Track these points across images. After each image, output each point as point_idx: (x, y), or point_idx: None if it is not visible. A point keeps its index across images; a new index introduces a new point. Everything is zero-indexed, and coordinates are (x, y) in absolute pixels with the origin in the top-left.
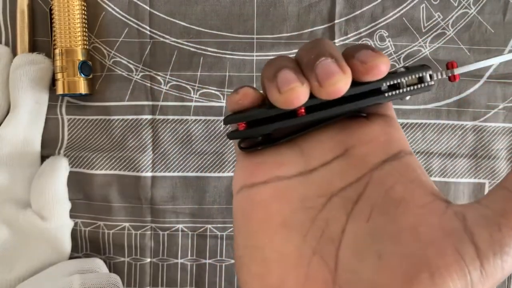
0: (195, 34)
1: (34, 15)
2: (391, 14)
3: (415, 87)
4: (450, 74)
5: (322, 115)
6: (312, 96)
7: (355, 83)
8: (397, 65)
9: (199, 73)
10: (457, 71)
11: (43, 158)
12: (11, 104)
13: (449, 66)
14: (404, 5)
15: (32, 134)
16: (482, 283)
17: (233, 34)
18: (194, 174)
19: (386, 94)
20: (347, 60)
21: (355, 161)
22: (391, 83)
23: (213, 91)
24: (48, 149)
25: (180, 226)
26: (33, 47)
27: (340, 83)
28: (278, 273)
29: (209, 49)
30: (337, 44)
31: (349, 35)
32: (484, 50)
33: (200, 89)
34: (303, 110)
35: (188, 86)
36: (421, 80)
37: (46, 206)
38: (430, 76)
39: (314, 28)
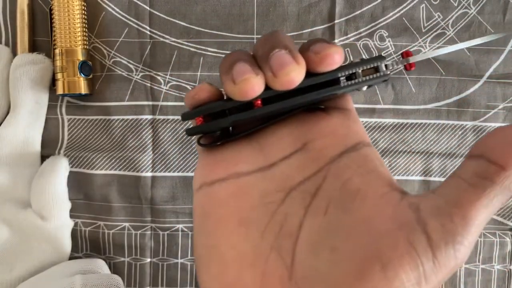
0: (195, 34)
1: (34, 15)
2: (391, 14)
3: (371, 76)
4: (405, 63)
5: (279, 107)
6: (268, 88)
7: (311, 75)
8: (396, 65)
9: (199, 73)
10: (413, 59)
11: (43, 158)
12: (11, 104)
13: (404, 55)
14: (404, 5)
15: (32, 134)
16: (435, 273)
17: (233, 34)
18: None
19: (342, 84)
20: (302, 53)
21: (313, 154)
22: (346, 73)
23: None
24: (48, 149)
25: (180, 226)
26: (33, 47)
27: (293, 73)
28: (235, 272)
29: (209, 49)
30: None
31: (349, 35)
32: (484, 50)
33: None
34: (259, 102)
35: (188, 86)
36: (377, 70)
37: (46, 206)
38: (386, 66)
39: (314, 28)
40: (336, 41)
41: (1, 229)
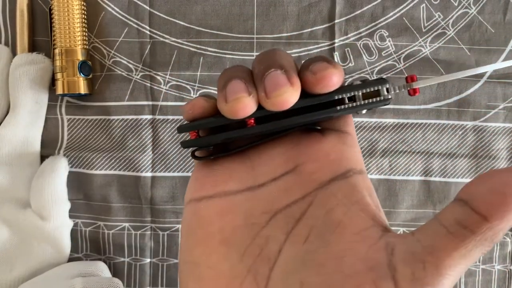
0: (195, 34)
1: (34, 14)
2: (391, 14)
3: (371, 100)
4: (408, 88)
5: (272, 127)
6: (262, 107)
7: (307, 95)
8: (397, 64)
9: (199, 73)
10: (416, 85)
11: (43, 158)
12: (11, 104)
13: (409, 79)
14: (404, 5)
15: (32, 134)
16: None
17: (233, 34)
18: None
19: (338, 108)
20: (301, 72)
21: (302, 178)
22: (345, 95)
23: (213, 91)
24: (47, 149)
25: (180, 226)
26: (33, 47)
27: (286, 95)
28: None
29: (209, 49)
30: (337, 44)
31: (349, 35)
32: (485, 50)
33: (200, 89)
34: (252, 121)
35: (188, 86)
36: (378, 93)
37: (45, 206)
38: (387, 89)
39: (314, 28)
40: (336, 41)
41: (1, 229)
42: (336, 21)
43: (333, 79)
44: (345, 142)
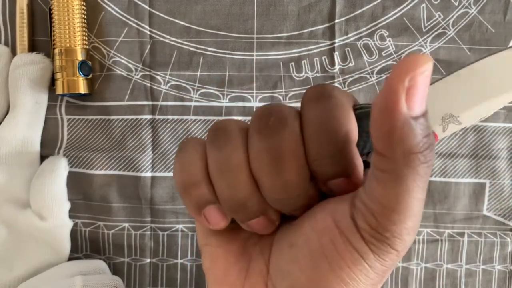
0: (195, 34)
1: (34, 14)
2: (391, 13)
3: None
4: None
5: None
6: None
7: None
8: None
9: (199, 73)
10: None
11: (43, 158)
12: (11, 104)
13: None
14: (405, 4)
15: (32, 134)
16: (382, 264)
17: (233, 33)
18: None
19: None
20: (316, 179)
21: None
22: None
23: (213, 91)
24: (47, 149)
25: (180, 226)
26: (33, 47)
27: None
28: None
29: (209, 48)
30: (337, 44)
31: (349, 35)
32: (485, 50)
33: (200, 89)
34: None
35: (188, 86)
36: None
37: (45, 206)
38: None
39: (314, 28)
40: (336, 40)
41: (1, 229)
42: (336, 21)
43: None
44: None
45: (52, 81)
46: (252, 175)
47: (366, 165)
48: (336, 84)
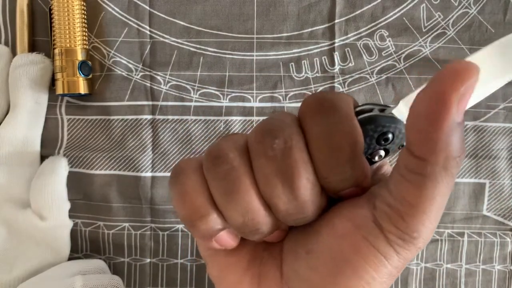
0: (195, 34)
1: (34, 14)
2: (391, 14)
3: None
4: None
5: None
6: None
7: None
8: (397, 64)
9: (199, 73)
10: None
11: (43, 158)
12: (11, 104)
13: None
14: (404, 5)
15: (32, 134)
16: (403, 262)
17: (233, 34)
18: None
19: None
20: (324, 188)
21: None
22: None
23: (213, 91)
24: (47, 149)
25: (180, 226)
26: (33, 47)
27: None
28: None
29: (209, 49)
30: (337, 44)
31: (349, 35)
32: None
33: (200, 89)
34: None
35: (188, 86)
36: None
37: (45, 206)
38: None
39: (314, 28)
40: (336, 41)
41: (1, 229)
42: (336, 21)
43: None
44: None
45: (52, 81)
46: (262, 197)
47: (369, 162)
48: (336, 84)
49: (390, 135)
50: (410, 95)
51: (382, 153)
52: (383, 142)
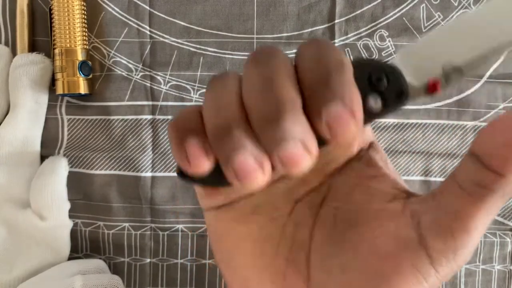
0: (195, 34)
1: (34, 15)
2: (391, 14)
3: (388, 110)
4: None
5: None
6: None
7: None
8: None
9: (199, 73)
10: (441, 91)
11: (43, 158)
12: (11, 104)
13: (432, 89)
14: (404, 5)
15: (32, 134)
16: (438, 281)
17: (233, 34)
18: None
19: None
20: (311, 115)
21: (316, 168)
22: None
23: None
24: (47, 149)
25: (180, 226)
26: (33, 47)
27: (305, 166)
28: None
29: (209, 49)
30: (337, 44)
31: (349, 35)
32: None
33: (200, 89)
34: None
35: (188, 86)
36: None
37: (45, 206)
38: (406, 96)
39: (314, 28)
40: (336, 41)
41: (1, 229)
42: (336, 21)
43: (352, 134)
44: None
45: (52, 81)
46: (243, 105)
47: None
48: None
49: (383, 76)
50: (407, 47)
51: (378, 100)
52: (375, 85)
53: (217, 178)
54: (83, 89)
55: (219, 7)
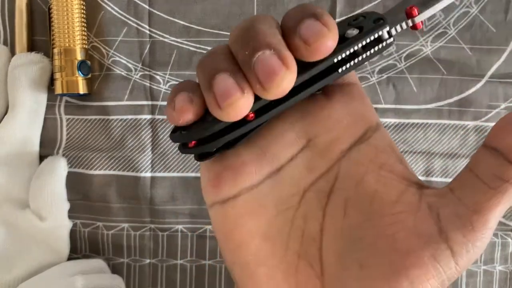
0: (194, 33)
1: (33, 14)
2: None
3: (373, 50)
4: (411, 24)
5: (274, 114)
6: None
7: (301, 64)
8: (398, 64)
9: None
10: (419, 18)
11: (42, 158)
12: (10, 104)
13: (409, 14)
14: None
15: (31, 134)
16: (456, 273)
17: None
18: (193, 174)
19: (340, 70)
20: (288, 37)
21: (320, 151)
22: (344, 56)
23: None
24: (46, 149)
25: (180, 226)
26: (32, 47)
27: (284, 82)
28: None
29: (208, 48)
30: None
31: None
32: (486, 50)
33: None
34: (252, 114)
35: None
36: (379, 39)
37: (44, 206)
38: (388, 32)
39: None
40: None
41: (0, 229)
42: (336, 20)
43: (328, 45)
44: (352, 96)
45: (51, 81)
46: (232, 56)
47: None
48: None
49: (359, 16)
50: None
51: (355, 31)
52: (353, 21)
53: (206, 144)
54: (82, 88)
55: (219, 6)
